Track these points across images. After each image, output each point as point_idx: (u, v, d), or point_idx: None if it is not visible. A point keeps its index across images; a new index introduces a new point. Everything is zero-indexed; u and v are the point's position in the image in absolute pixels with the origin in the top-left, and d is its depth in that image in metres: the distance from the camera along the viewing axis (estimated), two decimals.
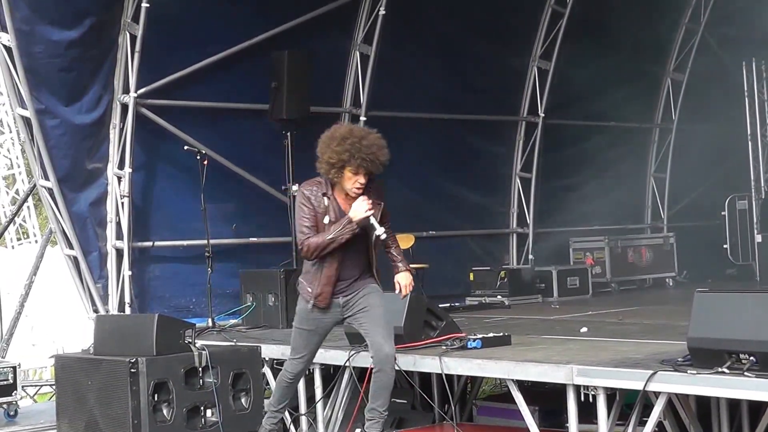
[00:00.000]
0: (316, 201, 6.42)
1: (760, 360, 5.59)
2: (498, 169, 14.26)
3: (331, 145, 6.36)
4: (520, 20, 13.99)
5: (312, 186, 6.51)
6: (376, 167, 6.35)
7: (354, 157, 6.26)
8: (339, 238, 6.30)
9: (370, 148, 6.31)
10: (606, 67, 13.75)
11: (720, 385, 5.68)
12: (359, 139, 6.31)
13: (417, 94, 12.99)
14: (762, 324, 5.58)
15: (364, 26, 12.40)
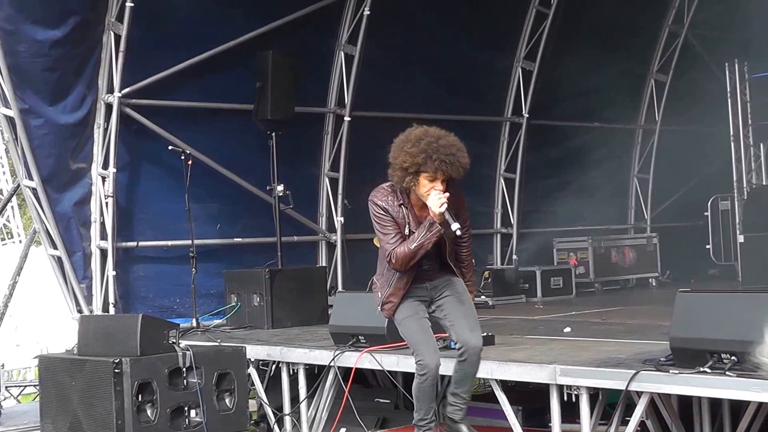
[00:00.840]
0: (394, 211, 5.92)
1: (742, 359, 5.63)
2: (482, 169, 14.26)
3: (404, 147, 5.81)
4: (505, 21, 14.02)
5: (386, 196, 5.97)
6: (456, 170, 5.77)
7: (431, 159, 5.70)
8: (426, 243, 5.78)
9: (449, 148, 5.78)
10: (590, 68, 13.78)
11: (702, 384, 5.72)
12: (436, 138, 5.80)
13: (401, 94, 12.99)
14: (743, 324, 5.62)
15: (348, 26, 12.40)
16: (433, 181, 5.72)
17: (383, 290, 6.06)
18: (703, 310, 5.89)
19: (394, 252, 5.81)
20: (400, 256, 5.81)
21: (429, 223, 5.74)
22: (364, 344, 8.01)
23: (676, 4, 15.60)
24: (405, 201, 5.90)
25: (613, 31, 14.49)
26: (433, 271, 6.04)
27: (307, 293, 10.83)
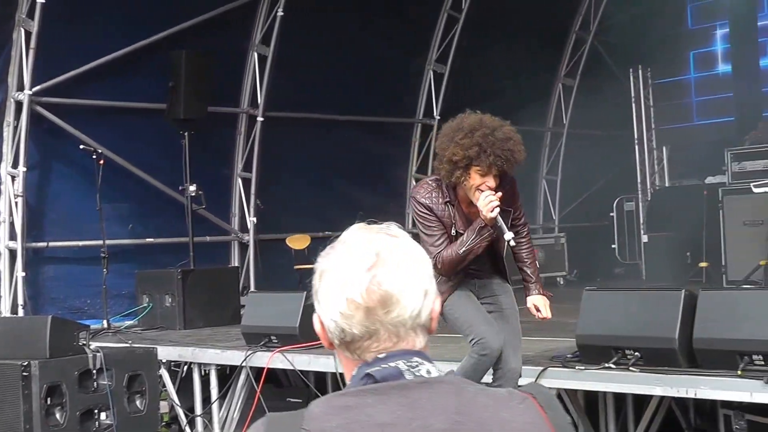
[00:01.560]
0: (438, 209, 5.30)
1: (645, 355, 5.83)
2: (394, 170, 14.42)
3: (455, 137, 5.15)
4: (417, 24, 14.17)
5: (430, 192, 5.34)
6: (511, 166, 5.18)
7: (485, 153, 5.05)
8: (476, 248, 5.21)
9: (506, 142, 5.11)
10: (500, 72, 14.00)
11: (607, 380, 5.91)
12: (492, 130, 5.13)
13: (314, 95, 13.07)
14: (646, 320, 5.82)
15: (262, 27, 12.44)
16: (485, 176, 5.11)
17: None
18: (608, 308, 6.08)
19: (440, 256, 5.21)
20: (446, 261, 5.23)
21: (479, 227, 5.17)
22: (276, 344, 8.05)
23: (583, 11, 15.92)
24: (452, 197, 5.30)
25: (523, 36, 14.73)
26: (482, 272, 5.53)
27: (220, 294, 10.82)
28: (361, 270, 1.78)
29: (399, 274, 1.78)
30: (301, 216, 12.86)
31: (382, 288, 1.76)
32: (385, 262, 1.78)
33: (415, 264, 1.82)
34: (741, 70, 14.78)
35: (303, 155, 12.99)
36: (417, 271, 1.81)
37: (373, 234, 1.86)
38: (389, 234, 1.87)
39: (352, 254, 1.81)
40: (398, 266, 1.79)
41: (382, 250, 1.81)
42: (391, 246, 1.82)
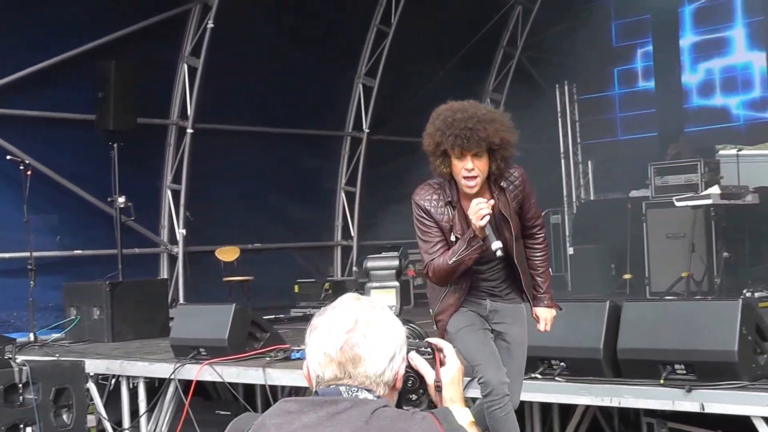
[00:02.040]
0: (437, 212, 4.94)
1: (570, 365, 5.96)
2: (323, 182, 14.47)
3: (427, 130, 4.92)
4: (347, 38, 14.25)
5: (430, 194, 4.99)
6: (477, 144, 4.70)
7: (445, 135, 4.75)
8: (466, 260, 4.80)
9: (466, 121, 4.72)
10: (428, 86, 14.12)
11: (533, 390, 6.02)
12: (453, 112, 4.81)
13: (244, 107, 13.08)
14: (571, 331, 5.95)
15: (192, 38, 12.42)
16: (460, 159, 4.77)
17: (434, 305, 5.15)
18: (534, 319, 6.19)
19: (431, 264, 4.92)
20: (437, 270, 4.90)
21: (469, 238, 4.77)
22: (205, 356, 8.05)
23: (510, 26, 16.13)
24: (454, 198, 4.92)
25: (452, 50, 14.88)
26: (495, 283, 5.06)
27: (149, 306, 10.75)
28: (340, 332, 2.21)
29: (370, 339, 2.20)
30: (231, 228, 12.85)
31: (354, 350, 2.18)
32: (361, 328, 2.20)
33: (387, 333, 2.22)
34: (663, 87, 15.12)
35: (233, 167, 12.98)
36: (387, 339, 2.22)
37: (358, 303, 2.27)
38: (371, 306, 2.27)
39: (336, 317, 2.24)
40: (371, 333, 2.20)
41: (361, 318, 2.22)
42: (370, 315, 2.23)
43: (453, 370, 2.41)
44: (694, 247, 11.93)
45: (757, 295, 11.43)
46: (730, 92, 14.65)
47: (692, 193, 12.30)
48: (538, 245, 5.15)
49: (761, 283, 11.93)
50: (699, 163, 12.94)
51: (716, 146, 15.36)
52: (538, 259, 5.15)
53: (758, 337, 5.79)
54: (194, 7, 12.34)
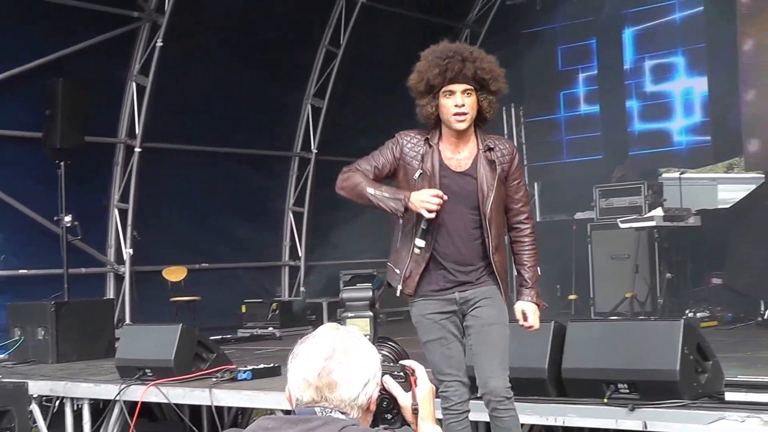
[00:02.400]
0: (411, 151, 4.74)
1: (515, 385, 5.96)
2: (272, 202, 14.48)
3: (416, 67, 4.80)
4: (296, 58, 14.29)
5: (412, 135, 4.80)
6: (470, 70, 4.54)
7: (437, 64, 4.60)
8: (374, 202, 4.66)
9: (461, 52, 4.61)
10: (375, 106, 14.20)
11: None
12: (445, 47, 4.71)
13: (193, 126, 13.07)
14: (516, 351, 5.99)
15: (141, 56, 12.40)
16: (451, 95, 4.59)
17: (400, 266, 4.77)
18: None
19: (349, 171, 4.80)
20: (348, 184, 4.79)
21: (396, 197, 4.62)
22: (150, 377, 8.02)
23: None
24: (435, 139, 4.73)
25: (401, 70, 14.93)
26: (466, 274, 4.74)
27: (94, 326, 10.66)
28: (319, 359, 2.40)
29: (346, 366, 2.38)
30: (178, 248, 12.81)
31: (330, 376, 2.37)
32: (338, 357, 2.39)
33: (362, 361, 2.41)
34: (608, 111, 15.33)
35: (181, 186, 12.96)
36: (362, 367, 2.40)
37: (336, 333, 2.46)
38: (349, 335, 2.46)
39: (316, 345, 2.43)
40: (347, 361, 2.39)
41: (338, 347, 2.41)
42: (347, 344, 2.42)
43: (424, 391, 2.61)
44: (638, 268, 12.11)
45: (699, 315, 11.62)
46: (673, 117, 14.88)
47: (636, 215, 12.48)
48: (526, 237, 4.84)
49: (703, 304, 12.13)
50: (643, 186, 13.14)
51: (660, 169, 15.63)
52: (527, 254, 4.85)
53: (699, 356, 5.90)
54: (143, 25, 12.33)
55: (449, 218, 4.63)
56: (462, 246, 4.70)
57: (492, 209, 4.63)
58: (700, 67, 14.44)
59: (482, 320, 4.71)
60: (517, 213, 4.78)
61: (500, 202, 4.69)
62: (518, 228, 4.81)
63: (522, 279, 4.86)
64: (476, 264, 4.73)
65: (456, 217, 4.64)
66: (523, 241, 4.82)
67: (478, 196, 4.63)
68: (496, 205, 4.66)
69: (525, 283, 4.85)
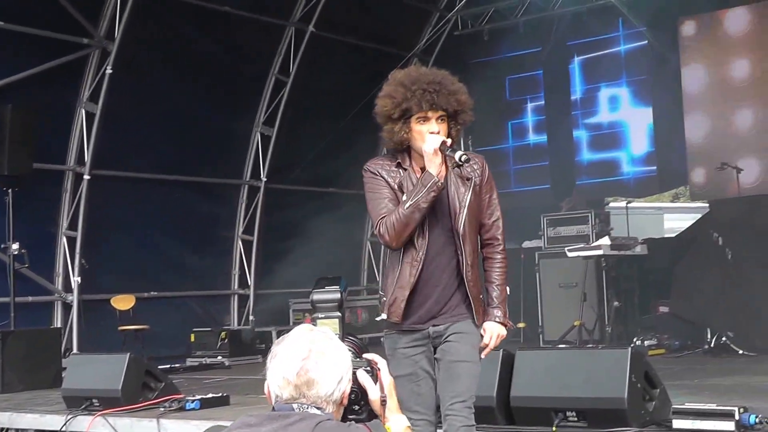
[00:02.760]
0: (389, 174, 4.54)
1: None
2: (221, 231, 14.44)
3: (384, 90, 4.55)
4: (245, 87, 14.32)
5: (380, 161, 4.61)
6: (445, 99, 4.42)
7: (410, 90, 4.40)
8: (421, 202, 4.34)
9: (432, 76, 4.47)
10: (325, 135, 14.25)
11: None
12: (417, 72, 4.53)
13: (143, 154, 13.02)
14: None
15: (90, 84, 12.34)
16: (424, 122, 4.44)
17: (389, 291, 4.56)
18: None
19: (382, 222, 4.44)
20: (389, 225, 4.40)
21: (425, 176, 4.38)
22: (98, 407, 7.97)
23: None
24: (405, 162, 4.55)
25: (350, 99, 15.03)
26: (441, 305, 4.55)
27: (41, 356, 10.55)
28: (297, 359, 2.59)
29: (322, 366, 2.59)
30: (127, 276, 12.73)
31: (308, 374, 2.57)
32: (314, 357, 2.58)
33: (336, 360, 2.62)
34: (555, 141, 15.51)
35: (130, 214, 12.90)
36: (336, 365, 2.61)
37: (311, 334, 2.66)
38: (323, 336, 2.66)
39: (293, 346, 2.62)
40: (323, 360, 2.59)
41: (314, 348, 2.61)
42: (322, 345, 2.62)
43: (386, 383, 2.88)
44: (586, 296, 12.22)
45: (646, 343, 11.76)
46: (619, 147, 15.10)
47: (584, 244, 12.62)
48: (498, 254, 4.65)
49: (651, 332, 12.28)
50: (590, 215, 13.29)
51: (606, 198, 15.82)
52: (497, 271, 4.65)
53: (647, 384, 5.98)
54: (93, 52, 12.29)
55: (432, 239, 4.50)
56: (439, 268, 4.54)
57: (465, 226, 4.50)
58: (645, 98, 14.68)
59: (451, 356, 4.52)
60: (490, 228, 4.65)
61: (474, 219, 4.57)
62: (491, 244, 4.65)
63: (489, 298, 4.66)
64: (451, 287, 4.55)
65: (434, 238, 4.50)
66: (495, 258, 4.66)
67: (451, 214, 4.51)
68: (470, 222, 4.53)
69: (492, 302, 4.64)
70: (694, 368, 10.03)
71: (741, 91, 13.49)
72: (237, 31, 13.71)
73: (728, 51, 13.64)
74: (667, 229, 21.33)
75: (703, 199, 15.06)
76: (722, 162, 12.04)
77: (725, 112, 13.61)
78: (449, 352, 4.50)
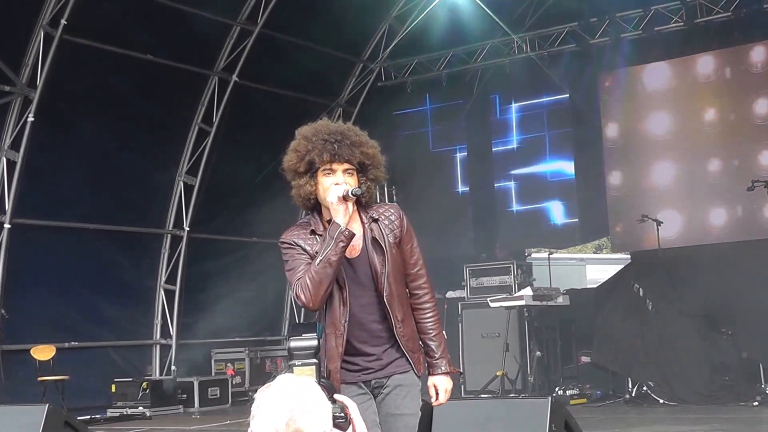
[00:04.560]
0: (305, 242, 4.34)
1: None
2: (143, 280, 14.29)
3: (291, 146, 4.42)
4: (168, 136, 14.27)
5: (294, 230, 4.40)
6: (348, 150, 4.29)
7: (312, 142, 4.29)
8: (331, 255, 4.16)
9: (337, 128, 4.35)
10: (250, 184, 14.24)
11: None
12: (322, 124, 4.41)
13: (64, 203, 12.88)
14: None
15: (12, 132, 12.20)
16: (329, 174, 4.29)
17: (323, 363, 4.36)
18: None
19: (298, 284, 4.23)
20: (304, 285, 4.20)
21: (331, 227, 4.20)
22: None
23: None
24: (319, 227, 4.36)
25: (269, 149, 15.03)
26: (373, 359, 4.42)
27: None
28: (285, 409, 2.70)
29: (308, 414, 2.71)
30: (47, 326, 12.53)
31: (296, 424, 2.68)
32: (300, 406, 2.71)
33: (319, 407, 2.75)
34: (479, 192, 15.68)
35: (50, 264, 12.72)
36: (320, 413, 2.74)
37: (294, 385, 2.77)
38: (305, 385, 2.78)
39: (280, 397, 2.72)
40: (308, 408, 2.72)
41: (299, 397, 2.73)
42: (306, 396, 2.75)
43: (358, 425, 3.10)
44: (508, 346, 12.33)
45: (568, 393, 11.90)
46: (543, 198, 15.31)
47: (506, 295, 12.75)
48: (426, 303, 4.48)
49: (573, 381, 12.42)
50: (512, 266, 13.45)
51: (529, 249, 16.00)
52: (429, 321, 4.46)
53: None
54: (15, 99, 12.16)
55: (356, 305, 4.35)
56: (368, 332, 4.40)
57: (390, 286, 4.36)
58: (567, 151, 14.92)
59: (388, 409, 4.40)
60: (415, 278, 4.48)
61: (399, 275, 4.42)
62: (417, 294, 4.48)
63: (429, 349, 4.48)
64: (385, 346, 4.42)
65: (358, 304, 4.35)
66: (425, 308, 4.48)
67: (373, 276, 4.36)
68: (395, 279, 4.38)
69: (433, 353, 4.47)
70: (615, 417, 10.17)
71: (661, 144, 13.78)
72: (160, 79, 13.66)
73: (647, 105, 13.96)
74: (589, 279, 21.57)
75: (623, 250, 15.31)
76: (642, 214, 12.28)
77: (646, 165, 13.90)
78: (388, 404, 4.40)
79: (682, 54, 13.81)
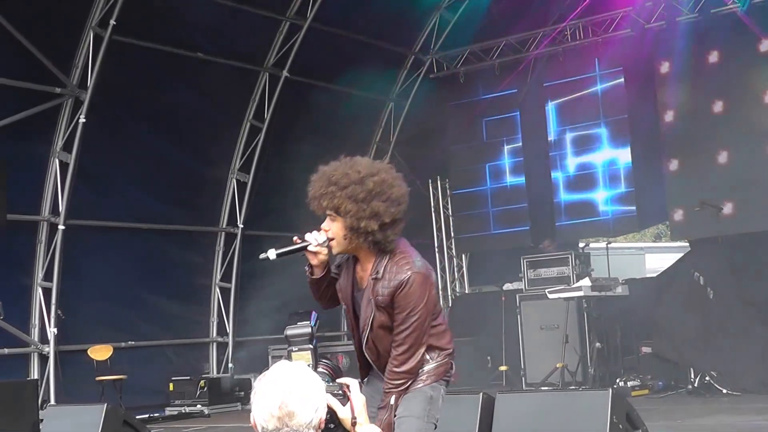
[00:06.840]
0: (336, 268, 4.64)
1: None
2: (198, 278, 14.32)
3: None
4: (220, 133, 14.27)
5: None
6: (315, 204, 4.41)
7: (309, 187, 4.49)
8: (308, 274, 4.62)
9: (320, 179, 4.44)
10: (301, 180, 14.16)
11: None
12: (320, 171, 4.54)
13: (117, 203, 12.94)
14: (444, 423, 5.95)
15: (63, 133, 12.26)
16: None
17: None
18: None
19: None
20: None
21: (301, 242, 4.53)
22: None
23: (383, 123, 16.36)
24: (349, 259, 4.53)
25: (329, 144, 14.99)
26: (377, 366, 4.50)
27: (18, 408, 10.40)
28: (278, 394, 2.83)
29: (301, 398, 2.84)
30: (103, 326, 12.60)
31: (289, 407, 2.81)
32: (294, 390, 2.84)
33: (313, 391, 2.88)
34: (533, 182, 15.49)
35: (106, 264, 12.78)
36: (313, 396, 2.87)
37: (289, 370, 2.89)
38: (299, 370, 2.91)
39: (274, 382, 2.85)
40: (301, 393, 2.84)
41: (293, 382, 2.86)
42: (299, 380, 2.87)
43: (359, 403, 3.18)
44: (568, 338, 12.17)
45: (629, 384, 11.71)
46: (598, 187, 15.07)
47: (564, 286, 12.59)
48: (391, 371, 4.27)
49: (633, 372, 12.22)
50: (570, 256, 13.28)
51: (587, 239, 15.80)
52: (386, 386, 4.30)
53: (629, 425, 5.91)
54: (66, 101, 12.22)
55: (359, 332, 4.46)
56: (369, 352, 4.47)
57: (370, 339, 4.36)
58: (623, 138, 14.67)
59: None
60: (395, 345, 4.27)
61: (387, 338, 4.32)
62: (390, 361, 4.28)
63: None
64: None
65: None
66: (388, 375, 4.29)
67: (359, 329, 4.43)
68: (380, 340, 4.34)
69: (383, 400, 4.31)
70: (677, 408, 10.00)
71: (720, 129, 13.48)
72: (210, 77, 13.66)
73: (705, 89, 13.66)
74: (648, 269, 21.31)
75: (683, 238, 15.05)
76: (700, 200, 12.05)
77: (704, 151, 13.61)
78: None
79: (739, 36, 13.50)
